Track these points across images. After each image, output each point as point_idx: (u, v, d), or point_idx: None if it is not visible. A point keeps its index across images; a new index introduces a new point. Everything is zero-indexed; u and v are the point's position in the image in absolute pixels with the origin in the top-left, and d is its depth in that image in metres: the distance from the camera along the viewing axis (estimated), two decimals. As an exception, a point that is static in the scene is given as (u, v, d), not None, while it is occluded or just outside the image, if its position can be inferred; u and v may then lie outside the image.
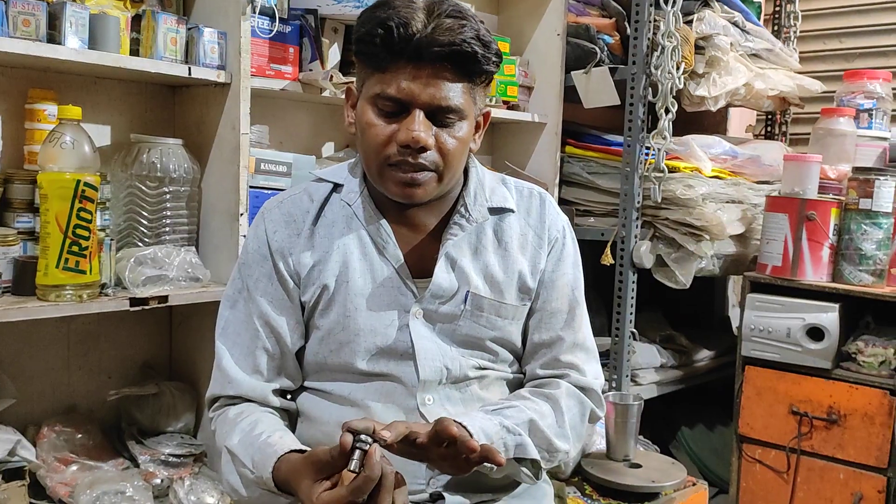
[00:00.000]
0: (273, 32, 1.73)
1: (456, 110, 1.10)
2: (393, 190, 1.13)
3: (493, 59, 1.11)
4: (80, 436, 1.65)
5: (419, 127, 1.08)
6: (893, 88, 2.62)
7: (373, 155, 1.12)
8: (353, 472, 0.91)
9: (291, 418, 1.24)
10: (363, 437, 0.92)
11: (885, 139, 2.56)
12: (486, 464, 1.05)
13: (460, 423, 1.02)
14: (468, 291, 1.18)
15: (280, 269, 1.18)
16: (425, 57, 1.06)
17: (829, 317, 2.19)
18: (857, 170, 2.29)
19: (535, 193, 1.27)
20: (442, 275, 1.18)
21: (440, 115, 1.10)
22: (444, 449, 1.00)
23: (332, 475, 0.95)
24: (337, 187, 1.22)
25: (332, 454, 0.94)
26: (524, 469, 1.15)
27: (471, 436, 1.03)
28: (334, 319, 1.17)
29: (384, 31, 1.05)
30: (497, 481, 1.22)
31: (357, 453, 0.91)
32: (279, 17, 1.74)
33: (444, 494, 1.18)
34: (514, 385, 1.27)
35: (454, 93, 1.09)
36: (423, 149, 1.09)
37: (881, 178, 2.20)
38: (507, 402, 1.19)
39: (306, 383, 1.23)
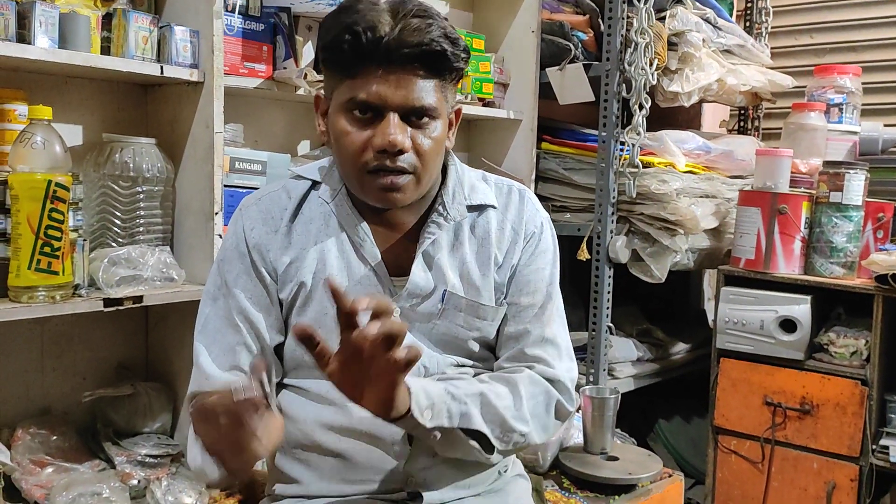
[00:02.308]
0: (246, 30, 1.72)
1: (429, 109, 1.10)
2: (373, 197, 1.13)
3: (462, 55, 1.11)
4: (55, 438, 1.63)
5: (395, 130, 1.07)
6: (863, 83, 2.66)
7: (350, 163, 1.11)
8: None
9: None
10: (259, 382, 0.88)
11: (854, 133, 2.60)
12: (426, 425, 1.04)
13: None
14: (445, 290, 1.18)
15: (258, 266, 1.18)
16: (395, 59, 1.05)
17: (801, 309, 2.23)
18: (827, 164, 2.33)
19: (514, 189, 1.27)
20: (419, 273, 1.18)
21: (414, 116, 1.09)
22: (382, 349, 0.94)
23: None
24: (315, 185, 1.22)
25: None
26: (472, 443, 1.13)
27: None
28: (312, 317, 1.17)
29: (351, 37, 1.04)
30: (473, 474, 1.23)
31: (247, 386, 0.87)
32: (252, 16, 1.73)
33: (422, 493, 1.19)
34: None
35: (426, 92, 1.09)
36: (401, 151, 1.08)
37: (851, 171, 2.23)
38: (459, 376, 1.18)
39: (285, 381, 1.23)
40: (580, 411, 1.96)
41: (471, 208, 1.22)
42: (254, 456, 0.90)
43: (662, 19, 2.30)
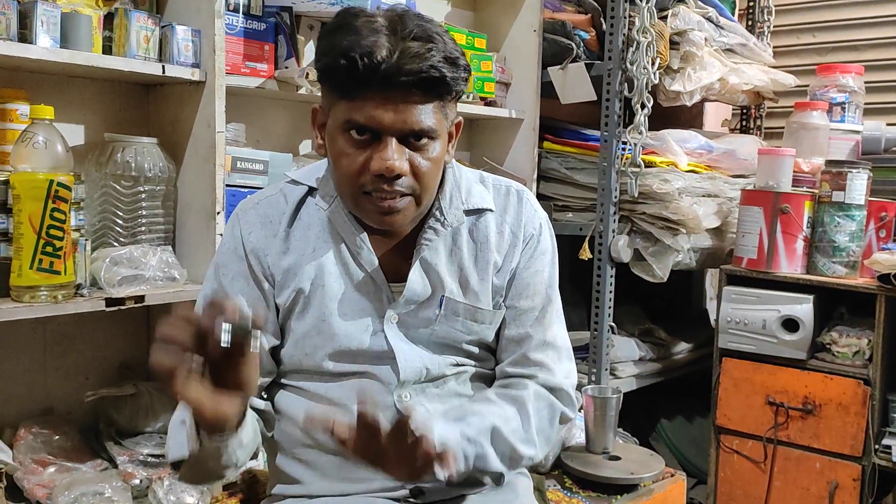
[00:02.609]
0: (247, 30, 1.72)
1: (428, 132, 1.07)
2: (371, 219, 1.12)
3: (462, 75, 1.08)
4: (57, 437, 1.63)
5: (392, 155, 1.05)
6: (866, 82, 2.65)
7: (347, 184, 1.10)
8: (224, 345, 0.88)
9: (268, 420, 1.23)
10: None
11: (857, 132, 2.59)
12: (441, 477, 1.04)
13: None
14: (443, 296, 1.18)
15: (255, 270, 1.18)
16: (393, 85, 1.02)
17: (803, 308, 2.22)
18: (829, 163, 2.32)
19: (513, 191, 1.26)
20: (416, 280, 1.17)
21: (413, 139, 1.07)
22: (403, 445, 0.97)
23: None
24: (312, 190, 1.21)
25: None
26: (486, 479, 1.15)
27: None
28: (310, 323, 1.17)
29: (347, 63, 1.01)
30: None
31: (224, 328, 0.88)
32: (254, 15, 1.73)
33: (424, 490, 1.19)
34: (491, 380, 1.28)
35: (425, 115, 1.06)
36: (398, 176, 1.06)
37: (853, 170, 2.23)
38: (470, 407, 1.17)
39: (283, 381, 1.23)
40: (582, 411, 1.96)
41: (468, 212, 1.21)
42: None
43: (664, 18, 2.30)
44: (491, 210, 1.23)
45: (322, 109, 1.13)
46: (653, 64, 2.20)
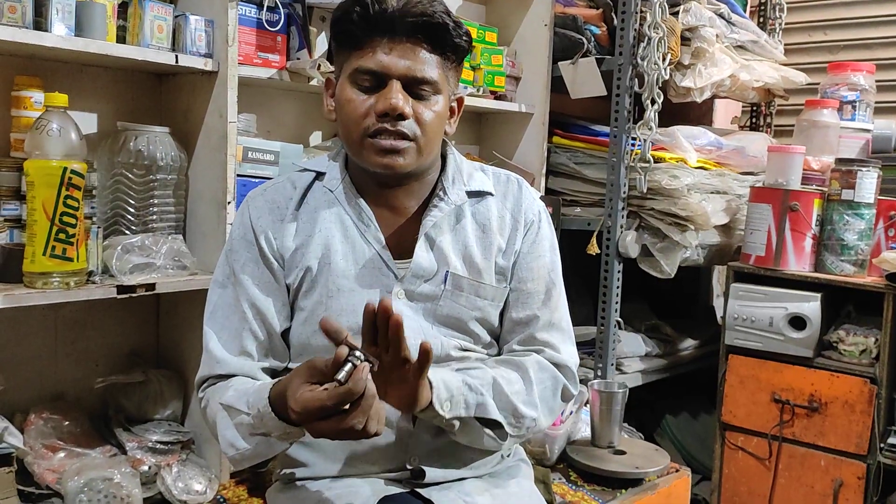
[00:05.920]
0: (260, 21, 1.73)
1: (431, 82, 1.14)
2: (374, 160, 1.15)
3: (464, 36, 1.16)
4: (67, 423, 1.65)
5: (396, 95, 1.12)
6: (877, 81, 2.65)
7: (353, 128, 1.15)
8: (339, 381, 0.92)
9: None
10: (357, 353, 0.94)
11: (867, 131, 2.59)
12: (445, 416, 1.09)
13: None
14: (447, 271, 1.21)
15: (265, 252, 1.21)
16: (399, 29, 1.11)
17: (811, 306, 2.22)
18: (839, 161, 2.32)
19: (512, 179, 1.31)
20: (422, 254, 1.21)
21: (416, 87, 1.14)
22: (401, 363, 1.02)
23: (323, 382, 0.95)
24: (319, 175, 1.26)
25: (328, 363, 0.95)
26: (487, 431, 1.17)
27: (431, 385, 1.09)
28: (317, 300, 1.19)
29: (360, 8, 1.11)
30: (475, 455, 1.24)
31: (348, 366, 0.93)
32: (267, 6, 1.74)
33: (425, 469, 1.21)
34: None
35: (428, 65, 1.14)
36: (402, 116, 1.12)
37: (863, 169, 2.22)
38: (473, 364, 1.21)
39: (291, 364, 1.25)
40: (588, 405, 1.97)
41: (470, 194, 1.25)
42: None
43: (676, 14, 2.29)
44: (491, 194, 1.27)
45: (334, 78, 1.21)
46: (664, 60, 2.20)
